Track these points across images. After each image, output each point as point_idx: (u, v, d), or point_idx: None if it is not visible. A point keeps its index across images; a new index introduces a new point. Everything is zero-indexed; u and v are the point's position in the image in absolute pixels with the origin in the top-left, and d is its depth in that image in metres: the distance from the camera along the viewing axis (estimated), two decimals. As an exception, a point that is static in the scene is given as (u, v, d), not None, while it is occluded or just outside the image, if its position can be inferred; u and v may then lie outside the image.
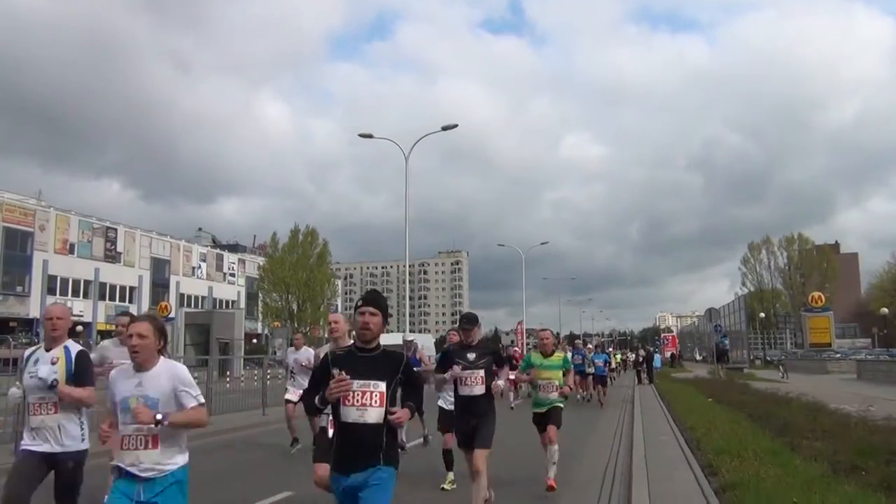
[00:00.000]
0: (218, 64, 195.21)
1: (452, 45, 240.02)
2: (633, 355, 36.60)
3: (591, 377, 20.03)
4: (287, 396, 10.50)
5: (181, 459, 3.63)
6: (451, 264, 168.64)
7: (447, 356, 6.23)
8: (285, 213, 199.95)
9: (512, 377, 12.83)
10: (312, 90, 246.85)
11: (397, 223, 27.76)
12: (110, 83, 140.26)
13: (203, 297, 74.08)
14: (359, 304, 3.64)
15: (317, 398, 3.56)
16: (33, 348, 4.77)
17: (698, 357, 57.20)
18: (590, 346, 23.00)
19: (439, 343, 36.88)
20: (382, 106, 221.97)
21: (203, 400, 3.75)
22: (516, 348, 31.64)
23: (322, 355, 4.03)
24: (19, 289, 55.00)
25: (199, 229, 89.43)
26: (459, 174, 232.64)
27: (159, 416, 3.45)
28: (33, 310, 55.42)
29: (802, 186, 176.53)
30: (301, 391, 8.88)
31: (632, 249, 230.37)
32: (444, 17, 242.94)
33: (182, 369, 3.72)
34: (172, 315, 42.04)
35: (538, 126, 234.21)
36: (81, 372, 4.58)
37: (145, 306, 65.32)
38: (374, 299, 3.66)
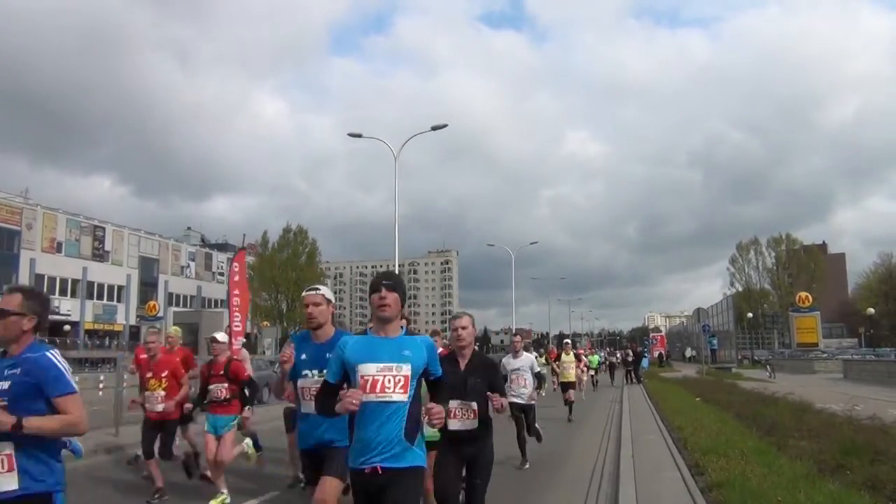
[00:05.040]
0: (216, 57, 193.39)
1: (451, 39, 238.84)
2: (621, 354, 36.56)
3: None
4: None
5: None
6: (441, 264, 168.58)
7: None
8: (279, 211, 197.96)
9: None
10: (310, 85, 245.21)
11: (392, 221, 28.23)
12: (105, 75, 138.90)
13: (192, 297, 73.75)
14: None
15: None
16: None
17: (688, 353, 57.97)
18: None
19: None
20: (380, 101, 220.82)
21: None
22: None
23: None
24: (5, 288, 54.53)
25: (188, 228, 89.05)
26: (456, 171, 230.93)
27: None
28: (20, 309, 54.91)
29: (803, 184, 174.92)
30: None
31: (628, 248, 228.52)
32: (442, 10, 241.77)
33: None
34: (161, 314, 41.84)
35: (537, 122, 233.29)
36: None
37: (133, 305, 65.01)
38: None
